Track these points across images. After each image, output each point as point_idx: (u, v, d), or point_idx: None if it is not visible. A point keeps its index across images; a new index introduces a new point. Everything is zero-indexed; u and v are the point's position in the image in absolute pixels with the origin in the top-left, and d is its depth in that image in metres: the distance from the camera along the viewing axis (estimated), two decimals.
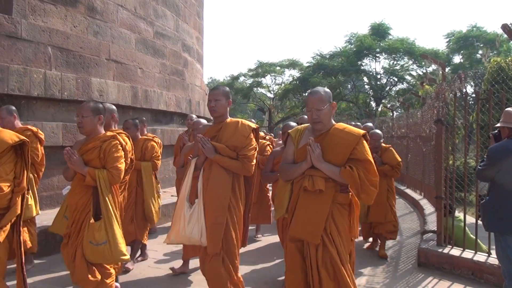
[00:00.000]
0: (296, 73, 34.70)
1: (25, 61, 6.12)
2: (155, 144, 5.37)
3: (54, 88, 6.43)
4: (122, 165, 3.58)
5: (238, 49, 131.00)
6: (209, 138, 3.58)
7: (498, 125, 3.69)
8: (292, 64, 35.03)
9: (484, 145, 6.76)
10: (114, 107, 4.45)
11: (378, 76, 30.26)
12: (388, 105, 25.70)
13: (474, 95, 5.97)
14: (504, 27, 4.36)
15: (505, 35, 4.41)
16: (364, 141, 3.04)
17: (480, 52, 26.10)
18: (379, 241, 5.97)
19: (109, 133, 3.68)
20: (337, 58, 30.32)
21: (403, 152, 11.86)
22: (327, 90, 3.17)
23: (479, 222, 5.28)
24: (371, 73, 30.26)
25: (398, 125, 12.88)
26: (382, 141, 5.88)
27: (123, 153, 3.65)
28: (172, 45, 10.11)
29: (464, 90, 5.45)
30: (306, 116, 4.46)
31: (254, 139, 3.62)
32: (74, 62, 6.90)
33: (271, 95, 37.72)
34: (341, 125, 3.17)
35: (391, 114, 15.52)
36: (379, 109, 28.19)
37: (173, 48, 10.11)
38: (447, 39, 29.81)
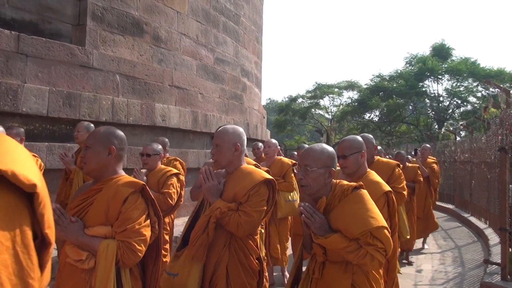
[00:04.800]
0: (354, 95, 34.48)
1: (96, 89, 6.55)
2: None
3: (120, 113, 6.82)
4: None
5: (296, 70, 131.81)
6: None
7: None
8: (351, 86, 34.85)
9: None
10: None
11: (441, 98, 29.34)
12: (451, 128, 24.80)
13: None
14: None
15: None
16: (139, 198, 1.42)
17: None
18: None
19: None
20: (396, 80, 29.78)
21: (466, 178, 11.39)
22: None
23: None
24: (432, 95, 29.41)
25: (461, 149, 12.41)
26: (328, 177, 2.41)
27: None
28: (232, 71, 10.41)
29: None
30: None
31: None
32: (139, 88, 7.29)
33: (329, 117, 37.56)
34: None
35: (454, 138, 14.94)
36: (442, 132, 27.23)
37: (232, 73, 10.41)
38: None
